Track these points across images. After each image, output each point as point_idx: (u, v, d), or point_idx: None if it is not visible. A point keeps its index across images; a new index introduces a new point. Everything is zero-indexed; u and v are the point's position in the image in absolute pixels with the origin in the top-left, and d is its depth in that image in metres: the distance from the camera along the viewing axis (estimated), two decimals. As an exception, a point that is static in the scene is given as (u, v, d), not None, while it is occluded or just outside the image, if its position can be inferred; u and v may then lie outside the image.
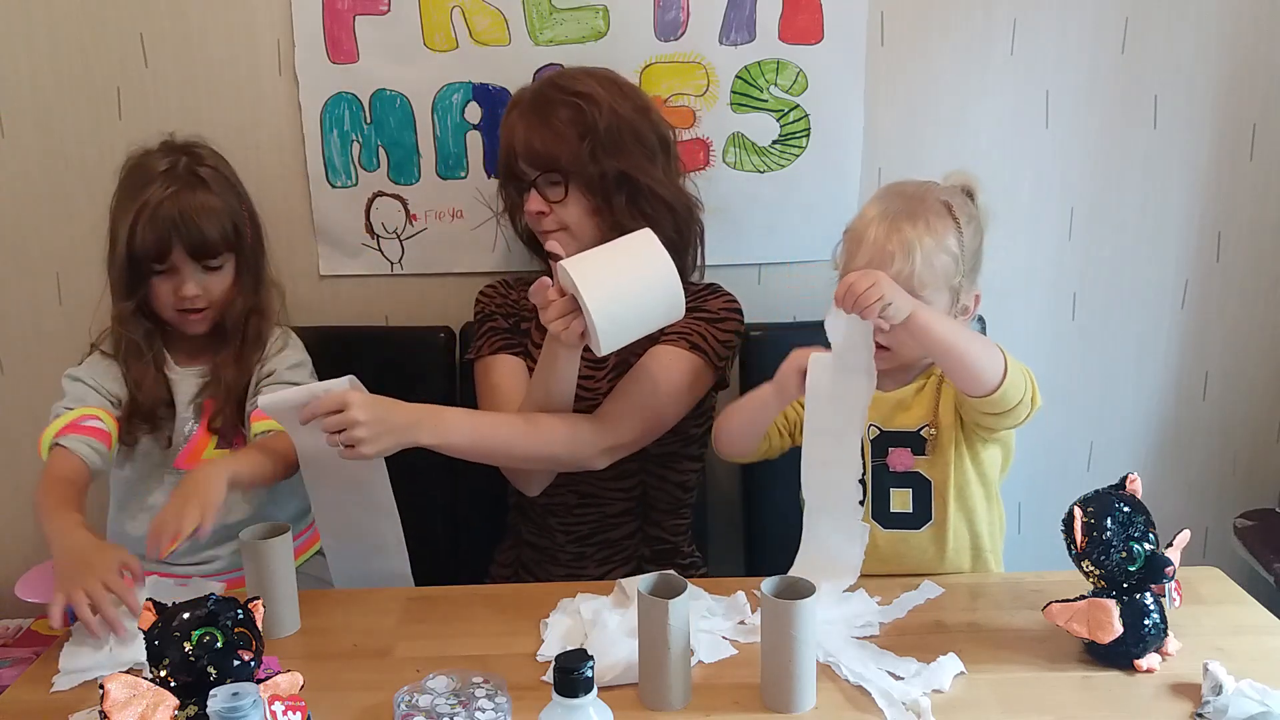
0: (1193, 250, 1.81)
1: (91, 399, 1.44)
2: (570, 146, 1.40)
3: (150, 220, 1.37)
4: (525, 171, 1.43)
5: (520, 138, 1.41)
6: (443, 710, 0.98)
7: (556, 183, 1.42)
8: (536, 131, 1.40)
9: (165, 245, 1.38)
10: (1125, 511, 1.11)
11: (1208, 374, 1.87)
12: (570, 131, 1.40)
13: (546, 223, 1.43)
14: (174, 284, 1.42)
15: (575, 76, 1.46)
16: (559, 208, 1.42)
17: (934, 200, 1.30)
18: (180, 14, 1.69)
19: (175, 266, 1.41)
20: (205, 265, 1.43)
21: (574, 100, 1.41)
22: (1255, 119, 1.75)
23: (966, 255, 1.29)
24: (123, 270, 1.41)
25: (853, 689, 1.08)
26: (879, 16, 1.70)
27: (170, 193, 1.38)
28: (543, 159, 1.41)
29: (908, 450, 1.33)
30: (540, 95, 1.44)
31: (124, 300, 1.43)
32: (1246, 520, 1.80)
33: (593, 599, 1.24)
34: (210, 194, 1.42)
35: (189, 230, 1.38)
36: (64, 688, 1.12)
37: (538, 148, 1.40)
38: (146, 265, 1.40)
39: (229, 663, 0.91)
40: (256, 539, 1.22)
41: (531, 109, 1.42)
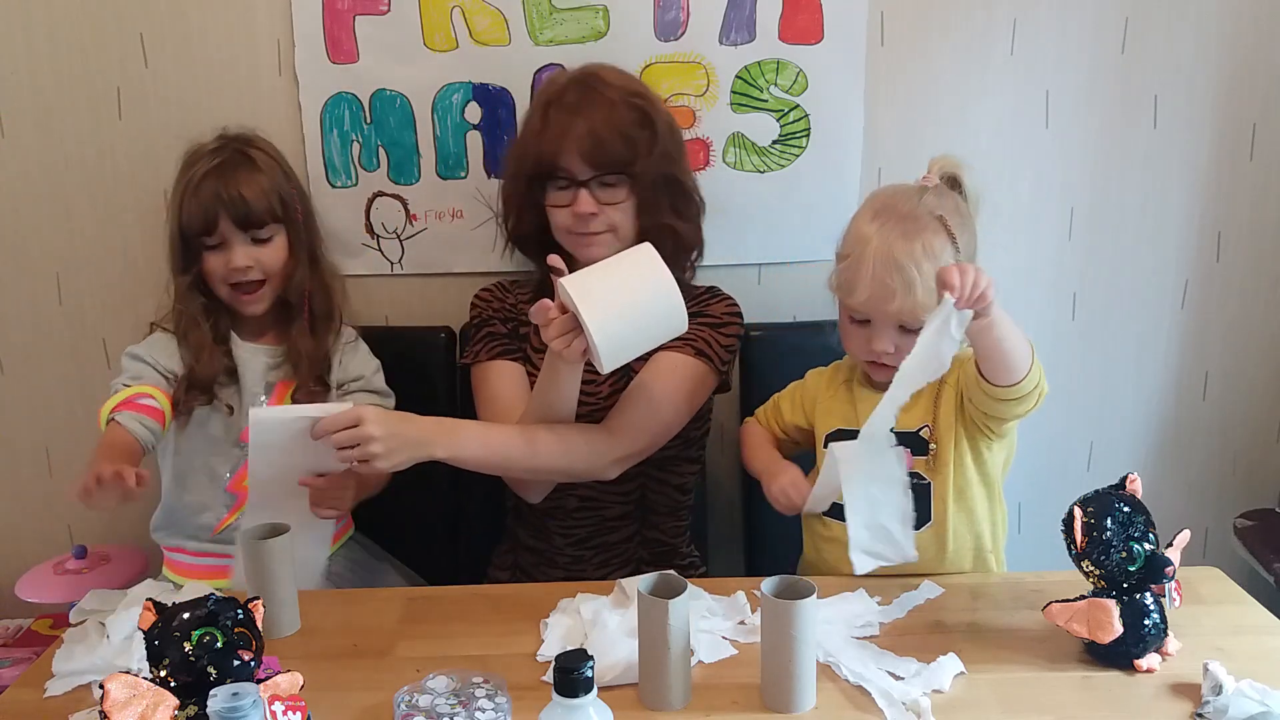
0: (1193, 250, 1.81)
1: (148, 376, 1.47)
2: (641, 149, 1.38)
3: (196, 193, 1.42)
4: (578, 171, 1.38)
5: (581, 137, 1.36)
6: (443, 710, 0.98)
7: (613, 184, 1.39)
8: (605, 133, 1.37)
9: (212, 217, 1.42)
10: (1125, 511, 1.11)
11: (1208, 374, 1.87)
12: (640, 134, 1.39)
13: (595, 224, 1.40)
14: (225, 257, 1.45)
15: (620, 75, 1.45)
16: (611, 209, 1.40)
17: (928, 217, 1.26)
18: (180, 14, 1.69)
19: (224, 239, 1.44)
20: (254, 237, 1.46)
21: (637, 102, 1.40)
22: (1255, 119, 1.76)
23: None
24: (177, 247, 1.46)
25: (853, 689, 1.08)
26: (879, 16, 1.70)
27: (215, 165, 1.44)
28: (611, 160, 1.38)
29: (907, 451, 1.32)
30: (595, 94, 1.39)
31: (181, 275, 1.47)
32: (1246, 520, 1.80)
33: (593, 599, 1.24)
34: (255, 168, 1.47)
35: (233, 200, 1.42)
36: (58, 692, 1.11)
37: (607, 149, 1.37)
38: (197, 240, 1.44)
39: (229, 663, 0.91)
40: (256, 539, 1.22)
41: (592, 110, 1.38)
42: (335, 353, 1.55)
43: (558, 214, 1.42)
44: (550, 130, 1.39)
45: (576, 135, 1.37)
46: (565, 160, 1.38)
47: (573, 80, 1.43)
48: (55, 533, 1.89)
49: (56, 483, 1.88)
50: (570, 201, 1.40)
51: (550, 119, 1.39)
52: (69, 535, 1.89)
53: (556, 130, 1.38)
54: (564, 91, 1.41)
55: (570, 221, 1.41)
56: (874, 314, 1.27)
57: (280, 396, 1.51)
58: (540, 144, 1.39)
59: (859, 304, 1.27)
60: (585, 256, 1.42)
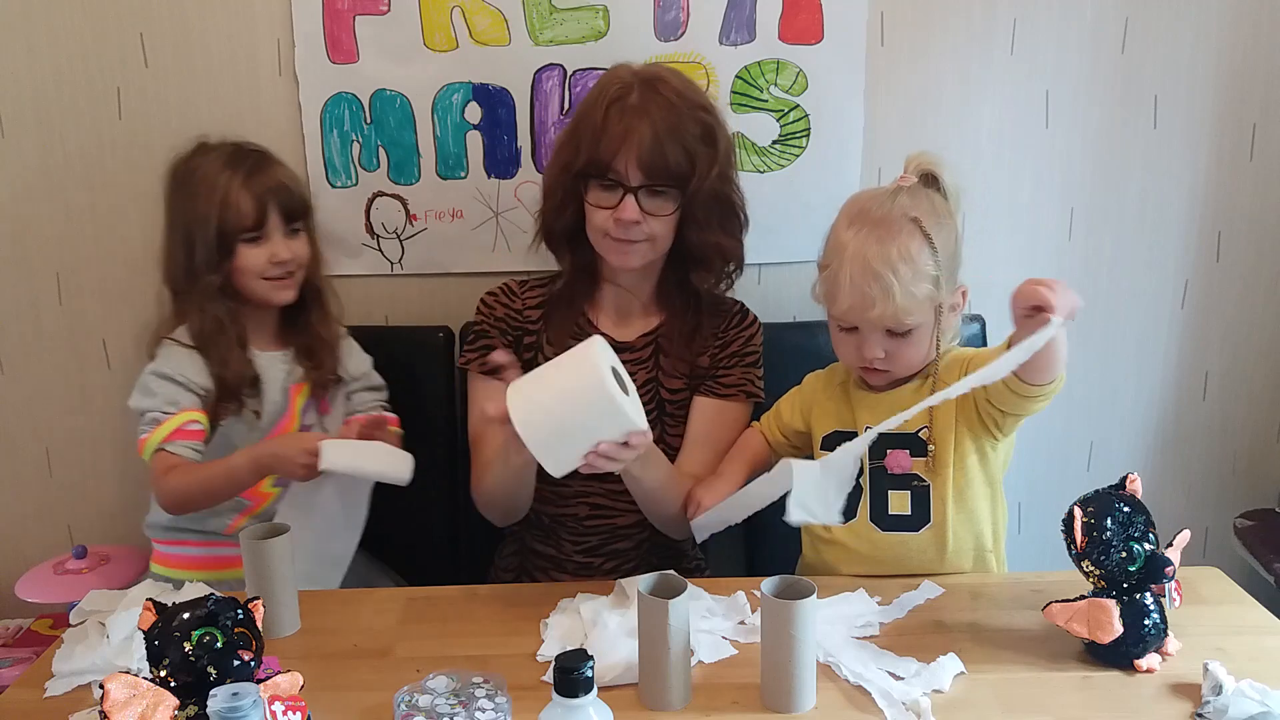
0: (1193, 250, 1.81)
1: (184, 400, 1.46)
2: (701, 166, 1.36)
3: (246, 187, 1.44)
4: (630, 176, 1.34)
5: (643, 144, 1.32)
6: (443, 710, 0.98)
7: (663, 194, 1.36)
8: (667, 143, 1.33)
9: (263, 210, 1.45)
10: (1125, 511, 1.11)
11: (1207, 374, 1.87)
12: (702, 150, 1.36)
13: (636, 232, 1.37)
14: (267, 250, 1.47)
15: (686, 82, 1.41)
16: (654, 220, 1.37)
17: (902, 219, 1.25)
18: (180, 14, 1.69)
19: (268, 232, 1.47)
20: (291, 229, 1.49)
21: (703, 116, 1.38)
22: (1255, 119, 1.76)
23: (945, 266, 1.26)
24: (209, 250, 1.45)
25: (853, 689, 1.08)
26: (879, 16, 1.70)
27: (252, 164, 1.47)
28: (669, 173, 1.34)
29: (905, 452, 1.32)
30: (662, 100, 1.35)
31: (209, 276, 1.46)
32: (1246, 520, 1.81)
33: (593, 599, 1.24)
34: (281, 163, 1.52)
35: (280, 194, 1.47)
36: (58, 692, 1.11)
37: (668, 161, 1.33)
38: (238, 236, 1.45)
39: (229, 663, 0.91)
40: (256, 539, 1.22)
41: (657, 115, 1.34)
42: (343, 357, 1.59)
43: (598, 214, 1.38)
44: (610, 129, 1.34)
45: (638, 140, 1.33)
46: (620, 163, 1.34)
47: (639, 80, 1.37)
48: (55, 533, 1.89)
49: (56, 483, 1.88)
50: (614, 205, 1.36)
51: (611, 117, 1.34)
52: (69, 535, 1.89)
53: (617, 130, 1.34)
54: (628, 90, 1.36)
55: (610, 225, 1.37)
56: (858, 322, 1.27)
57: (294, 400, 1.54)
58: (598, 141, 1.35)
59: (842, 313, 1.27)
60: (621, 262, 1.41)
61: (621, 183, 1.35)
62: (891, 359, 1.29)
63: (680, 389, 1.49)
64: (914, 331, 1.27)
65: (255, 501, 1.52)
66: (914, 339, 1.28)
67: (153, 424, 1.44)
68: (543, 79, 1.71)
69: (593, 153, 1.35)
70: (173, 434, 1.43)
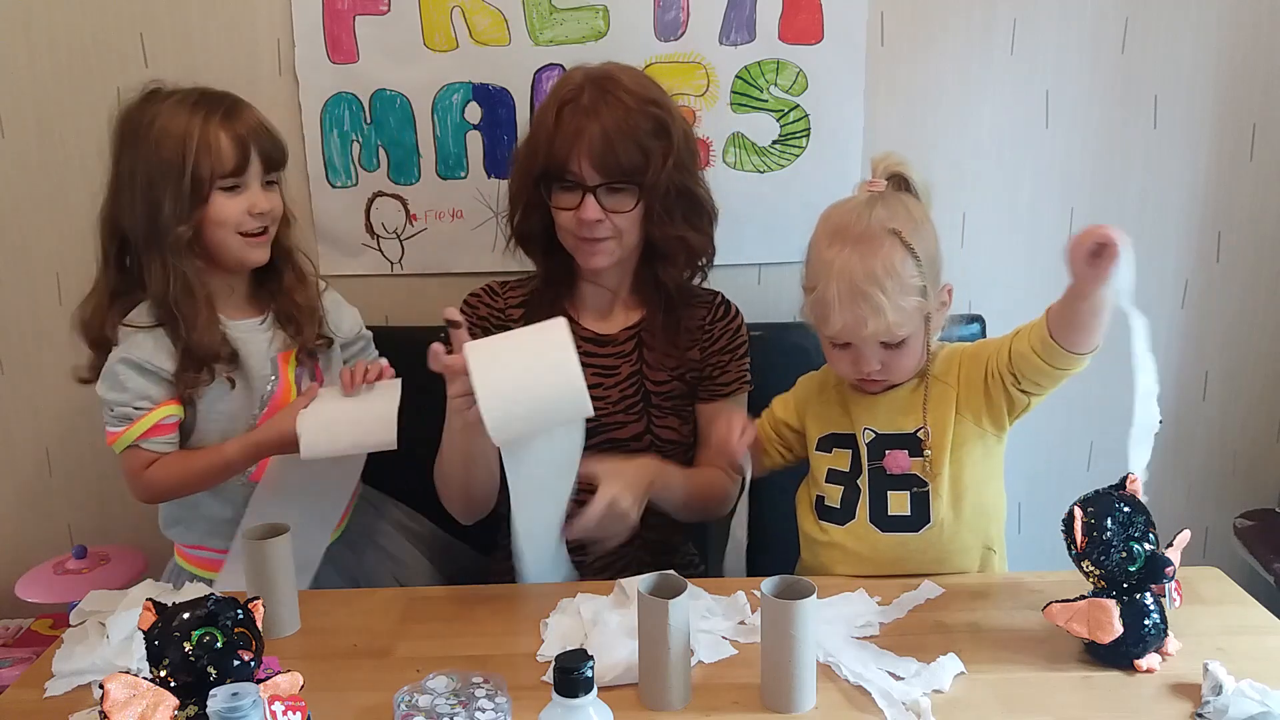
0: (1193, 250, 1.81)
1: (155, 392, 1.38)
2: (655, 160, 1.37)
3: (226, 127, 1.34)
4: (586, 176, 1.36)
5: (594, 143, 1.34)
6: (443, 710, 0.98)
7: (622, 191, 1.38)
8: (618, 140, 1.34)
9: (245, 154, 1.35)
10: (1125, 511, 1.11)
11: (1207, 374, 1.87)
12: (655, 145, 1.37)
13: (600, 230, 1.38)
14: (245, 200, 1.36)
15: (638, 78, 1.42)
16: (617, 216, 1.38)
17: (882, 233, 1.24)
18: (180, 14, 1.69)
19: (247, 182, 1.37)
20: (267, 180, 1.40)
21: (655, 111, 1.38)
22: (1255, 119, 1.76)
23: (928, 273, 1.26)
24: (178, 199, 1.33)
25: (853, 689, 1.08)
26: (879, 16, 1.70)
27: (229, 106, 1.36)
28: (622, 169, 1.36)
29: (904, 452, 1.32)
30: (611, 98, 1.36)
31: (178, 228, 1.33)
32: (1246, 520, 1.81)
33: (593, 599, 1.24)
34: (256, 109, 1.40)
35: (264, 137, 1.38)
36: (58, 692, 1.11)
37: (620, 158, 1.35)
38: (214, 183, 1.34)
39: (229, 663, 0.91)
40: (256, 539, 1.22)
41: (607, 114, 1.35)
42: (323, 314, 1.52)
43: (562, 216, 1.40)
44: (563, 131, 1.36)
45: (589, 139, 1.34)
46: (574, 164, 1.36)
47: (589, 80, 1.39)
48: (55, 533, 1.89)
49: (56, 483, 1.88)
50: (576, 205, 1.38)
51: (564, 119, 1.36)
52: (69, 535, 1.89)
53: (569, 131, 1.35)
54: (579, 92, 1.38)
55: (574, 225, 1.39)
56: (852, 339, 1.27)
57: (284, 369, 1.46)
58: (551, 144, 1.37)
59: (835, 333, 1.27)
60: (588, 263, 1.42)
61: (580, 183, 1.37)
62: (888, 368, 1.29)
63: (665, 381, 1.49)
64: (907, 340, 1.27)
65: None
66: (908, 347, 1.28)
67: (124, 421, 1.38)
68: (543, 79, 1.71)
69: (549, 155, 1.37)
70: (147, 432, 1.38)
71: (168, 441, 1.40)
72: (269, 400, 1.44)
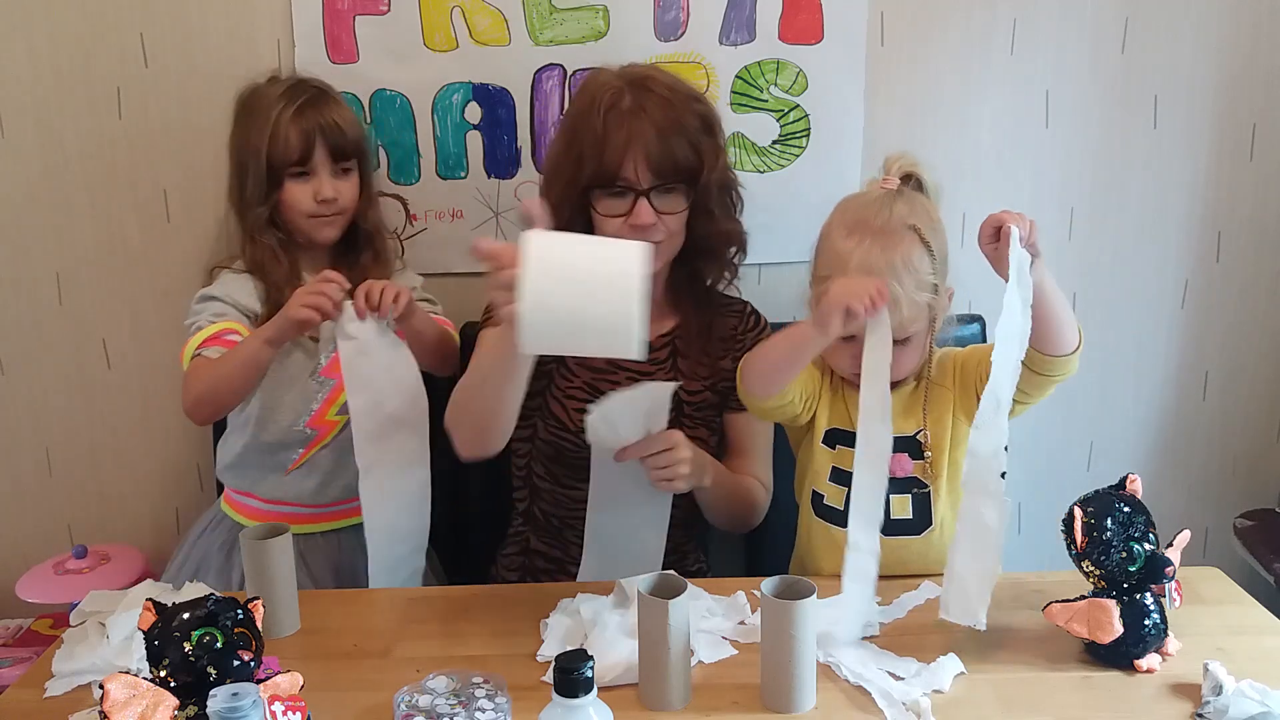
0: (1193, 250, 1.81)
1: (230, 314, 1.49)
2: (708, 158, 1.35)
3: (295, 121, 1.47)
4: (641, 179, 1.32)
5: (649, 145, 1.31)
6: (443, 710, 0.98)
7: (675, 192, 1.35)
8: (674, 140, 1.32)
9: (310, 146, 1.47)
10: (1125, 511, 1.11)
11: (1207, 374, 1.87)
12: (707, 142, 1.36)
13: (655, 233, 1.34)
14: (312, 186, 1.49)
15: (672, 77, 1.39)
16: (669, 218, 1.35)
17: (902, 228, 1.24)
18: (180, 14, 1.69)
19: (314, 169, 1.49)
20: (340, 168, 1.51)
21: (699, 107, 1.37)
22: (1255, 119, 1.76)
23: (939, 271, 1.26)
24: (259, 181, 1.48)
25: (853, 689, 1.08)
26: (879, 16, 1.70)
27: (307, 99, 1.49)
28: (678, 169, 1.33)
29: (905, 455, 1.32)
30: (656, 98, 1.33)
31: (258, 208, 1.49)
32: (1246, 520, 1.81)
33: (593, 599, 1.24)
34: (340, 102, 1.54)
35: (329, 131, 1.49)
36: (58, 692, 1.11)
37: (677, 158, 1.32)
38: (285, 170, 1.48)
39: (229, 663, 0.91)
40: (256, 539, 1.22)
41: (657, 114, 1.32)
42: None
43: (610, 224, 1.35)
44: (612, 136, 1.32)
45: (643, 142, 1.31)
46: (628, 168, 1.32)
47: (626, 83, 1.35)
48: (55, 532, 1.89)
49: (56, 482, 1.88)
50: (626, 211, 1.34)
51: (610, 124, 1.32)
52: (69, 535, 1.89)
53: (619, 136, 1.31)
54: (619, 95, 1.34)
55: (624, 232, 1.34)
56: (860, 332, 1.24)
57: None
58: (601, 151, 1.32)
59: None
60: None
61: (631, 187, 1.34)
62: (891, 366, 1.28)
63: (699, 390, 1.48)
64: (912, 338, 1.27)
65: (321, 431, 1.52)
66: (912, 345, 1.28)
67: (195, 331, 1.47)
68: (543, 79, 1.71)
69: (597, 163, 1.33)
70: (210, 339, 1.45)
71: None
72: (330, 355, 1.50)
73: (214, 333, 1.46)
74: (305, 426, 1.52)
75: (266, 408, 1.52)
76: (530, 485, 1.53)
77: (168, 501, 1.87)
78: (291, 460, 1.54)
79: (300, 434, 1.52)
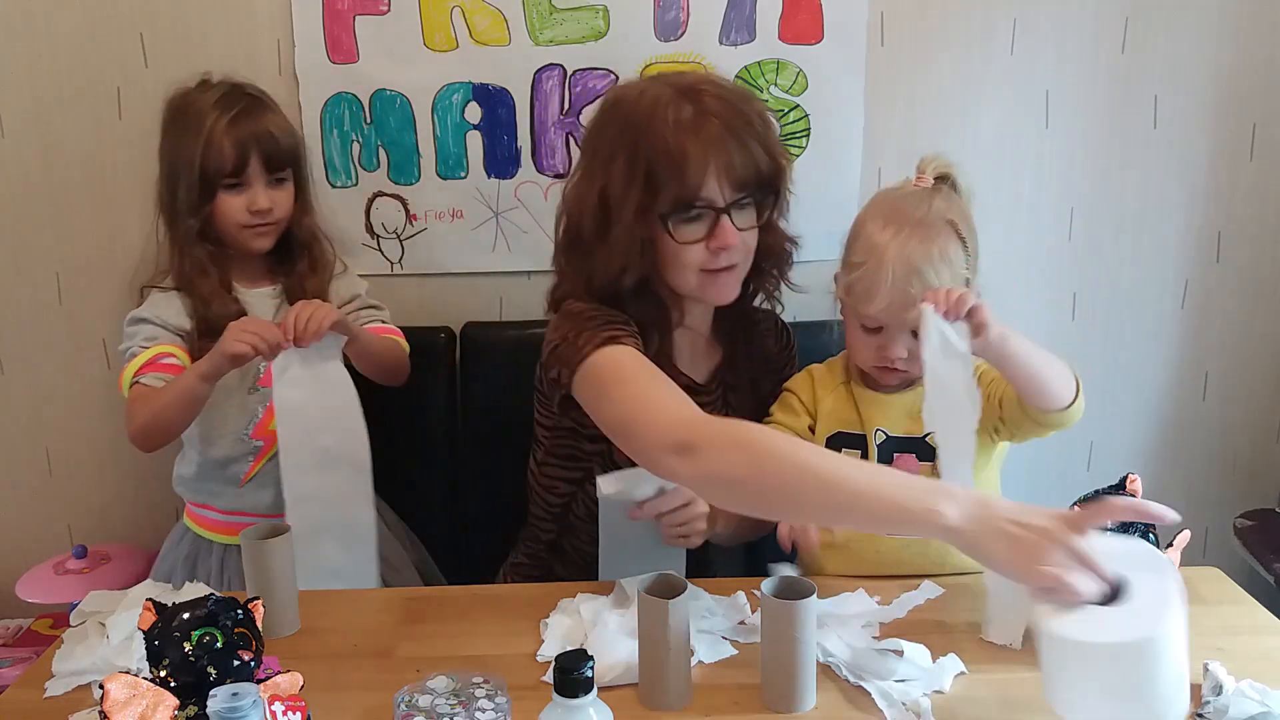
0: (1192, 250, 1.81)
1: (163, 337, 1.48)
2: (782, 161, 1.27)
3: (225, 136, 1.44)
4: (723, 196, 1.22)
5: (730, 158, 1.20)
6: (443, 710, 0.98)
7: (749, 206, 1.25)
8: (754, 149, 1.22)
9: (244, 157, 1.45)
10: (1125, 511, 1.11)
11: (1207, 374, 1.87)
12: (777, 147, 1.27)
13: (734, 255, 1.25)
14: (246, 197, 1.47)
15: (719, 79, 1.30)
16: (747, 234, 1.26)
17: (940, 222, 1.25)
18: (180, 14, 1.69)
19: (249, 180, 1.47)
20: (274, 178, 1.49)
21: (759, 107, 1.28)
22: (1255, 119, 1.76)
23: (972, 266, 1.27)
24: (191, 192, 1.45)
25: (852, 689, 1.08)
26: (879, 17, 1.70)
27: (241, 109, 1.46)
28: (761, 180, 1.24)
29: (913, 456, 1.31)
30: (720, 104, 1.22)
31: (189, 219, 1.47)
32: (1246, 520, 1.81)
33: (593, 599, 1.24)
34: (274, 111, 1.52)
35: (264, 141, 1.46)
36: (58, 692, 1.11)
37: (760, 166, 1.22)
38: (219, 181, 1.45)
39: (229, 663, 0.91)
40: (257, 539, 1.22)
41: (731, 122, 1.21)
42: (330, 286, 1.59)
43: (689, 252, 1.24)
44: (692, 154, 1.18)
45: (725, 156, 1.20)
46: (710, 187, 1.20)
47: (678, 94, 1.22)
48: (55, 532, 1.89)
49: (56, 483, 1.88)
50: (704, 235, 1.23)
51: (685, 141, 1.19)
52: (69, 535, 1.89)
53: (699, 153, 1.18)
54: (678, 109, 1.21)
55: (705, 259, 1.24)
56: (891, 321, 1.26)
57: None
58: (682, 171, 1.19)
59: (877, 312, 1.25)
60: (721, 297, 1.30)
61: (710, 206, 1.23)
62: (913, 359, 1.27)
63: None
64: None
65: (267, 442, 1.51)
66: None
67: (129, 358, 1.46)
68: (543, 79, 1.71)
69: (679, 185, 1.20)
70: (146, 365, 1.44)
71: (165, 380, 1.44)
72: (261, 376, 1.49)
73: (149, 358, 1.45)
74: (249, 438, 1.52)
75: (207, 425, 1.51)
76: (564, 523, 1.45)
77: (167, 502, 1.86)
78: (243, 473, 1.53)
79: (247, 445, 1.52)
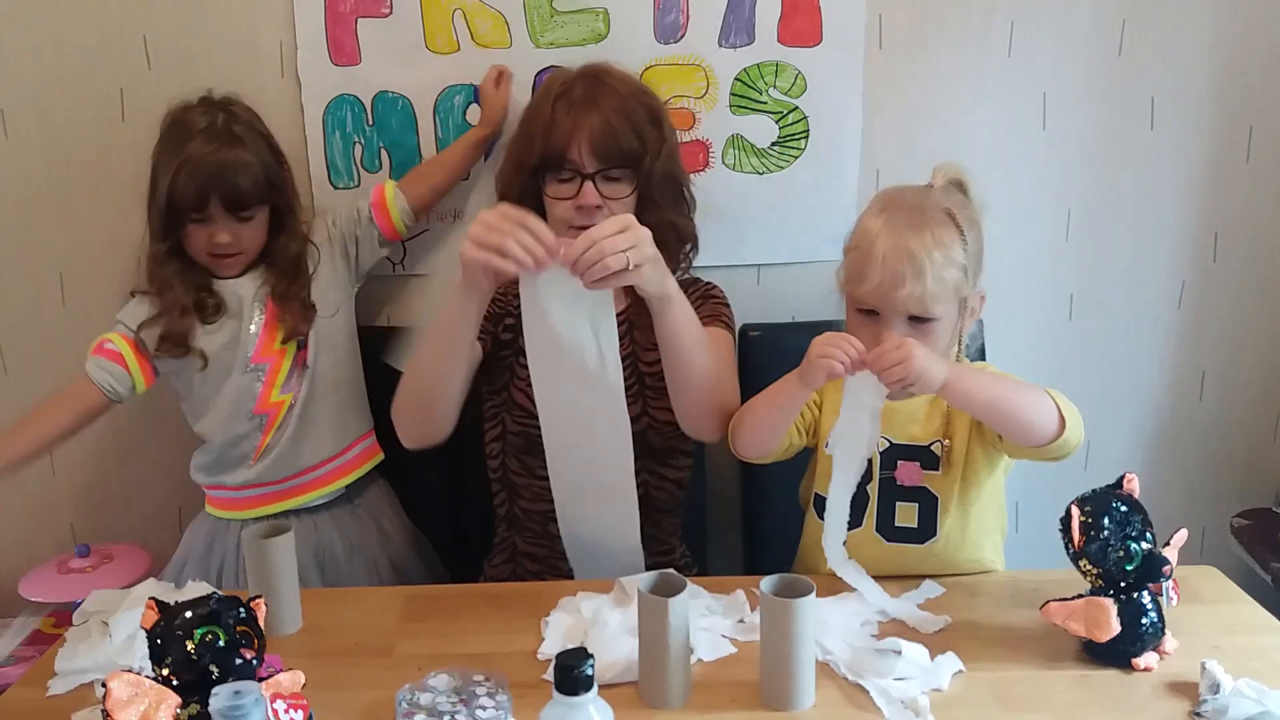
0: (1189, 251, 1.82)
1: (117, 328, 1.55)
2: (651, 146, 1.42)
3: (191, 174, 1.46)
4: (585, 164, 1.40)
5: (594, 131, 1.38)
6: (444, 708, 0.98)
7: (618, 179, 1.41)
8: (618, 127, 1.39)
9: (204, 197, 1.47)
10: (1122, 511, 1.12)
11: (1204, 374, 1.87)
12: (651, 132, 1.43)
13: (599, 216, 1.39)
14: (209, 231, 1.50)
15: (625, 73, 1.49)
16: (614, 203, 1.41)
17: (936, 209, 1.26)
18: (183, 16, 1.70)
19: (211, 216, 1.49)
20: (239, 216, 1.51)
21: (647, 100, 1.46)
22: (1252, 120, 1.76)
23: (971, 261, 1.27)
24: (162, 216, 1.50)
25: (851, 687, 1.08)
26: (877, 19, 1.71)
27: (210, 150, 1.48)
28: (622, 155, 1.40)
29: (916, 465, 1.31)
30: (605, 88, 1.42)
31: (160, 243, 1.52)
32: (1243, 519, 1.81)
33: (593, 597, 1.24)
34: (245, 150, 1.51)
35: (224, 185, 1.48)
36: (60, 691, 1.12)
37: (621, 143, 1.39)
38: (184, 214, 1.49)
39: (231, 661, 0.92)
40: (258, 538, 1.23)
41: (605, 103, 1.40)
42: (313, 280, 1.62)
43: (558, 206, 1.43)
44: (560, 121, 1.40)
45: (589, 128, 1.39)
46: (574, 152, 1.39)
47: (579, 76, 1.45)
48: (58, 531, 1.89)
49: (59, 482, 1.89)
50: (573, 194, 1.41)
51: (559, 110, 1.41)
52: (72, 534, 1.89)
53: (567, 123, 1.40)
54: (571, 86, 1.43)
55: (571, 214, 1.41)
56: (883, 303, 1.24)
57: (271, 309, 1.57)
58: (549, 135, 1.41)
59: (868, 292, 1.24)
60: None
61: (578, 171, 1.40)
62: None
63: (656, 361, 1.42)
64: (936, 323, 1.25)
65: (271, 414, 1.56)
66: (935, 332, 1.25)
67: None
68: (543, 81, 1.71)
69: (546, 146, 1.41)
70: (94, 350, 1.53)
71: (101, 366, 1.53)
72: (256, 338, 1.55)
73: (97, 343, 1.54)
74: (253, 414, 1.55)
75: (210, 411, 1.57)
76: (507, 484, 1.53)
77: (170, 501, 1.87)
78: (254, 449, 1.57)
79: (252, 422, 1.56)
